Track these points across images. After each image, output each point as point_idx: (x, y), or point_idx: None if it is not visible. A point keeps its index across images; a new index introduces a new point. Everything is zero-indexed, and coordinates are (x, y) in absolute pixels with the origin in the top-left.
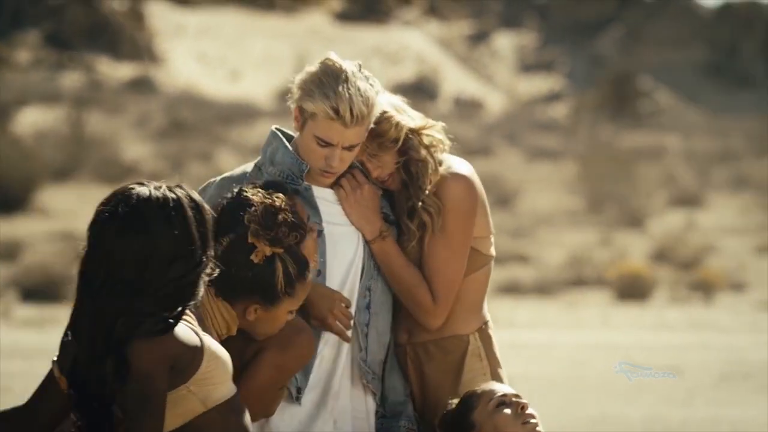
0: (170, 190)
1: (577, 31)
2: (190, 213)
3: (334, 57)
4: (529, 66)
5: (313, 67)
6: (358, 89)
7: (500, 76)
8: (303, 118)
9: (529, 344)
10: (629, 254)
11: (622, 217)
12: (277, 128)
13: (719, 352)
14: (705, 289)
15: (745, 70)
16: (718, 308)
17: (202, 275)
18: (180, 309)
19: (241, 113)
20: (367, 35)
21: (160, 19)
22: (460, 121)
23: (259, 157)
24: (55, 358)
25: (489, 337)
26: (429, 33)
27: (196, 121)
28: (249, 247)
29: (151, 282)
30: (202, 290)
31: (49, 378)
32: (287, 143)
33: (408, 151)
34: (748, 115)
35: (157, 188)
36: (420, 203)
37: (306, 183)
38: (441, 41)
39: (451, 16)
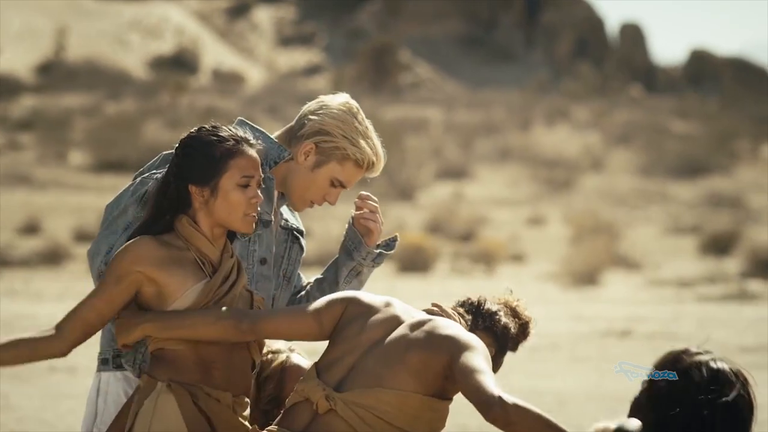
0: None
1: (335, 4)
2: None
3: (352, 100)
4: (288, 39)
5: (339, 108)
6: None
7: (260, 50)
8: (324, 157)
9: None
10: (404, 226)
11: (392, 190)
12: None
13: None
14: (486, 260)
15: (503, 43)
16: (501, 280)
17: None
18: None
19: (3, 88)
20: (126, 9)
21: None
22: (220, 94)
23: None
24: None
25: None
26: (188, 7)
27: None
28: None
29: None
30: None
31: None
32: (265, 132)
33: None
34: (507, 88)
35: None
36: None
37: (270, 174)
38: (200, 15)
39: None
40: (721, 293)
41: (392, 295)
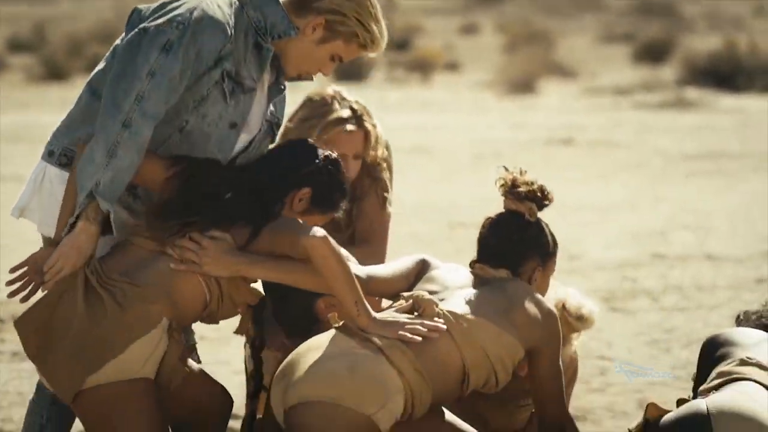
0: None
1: None
2: None
3: None
4: None
5: None
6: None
7: None
8: (331, 34)
9: None
10: None
11: None
12: None
13: (461, 132)
14: (421, 69)
15: None
16: (437, 89)
17: None
18: None
19: None
20: None
21: None
22: None
23: None
24: None
25: None
26: None
27: None
28: None
29: None
30: None
31: None
32: None
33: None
34: None
35: None
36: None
37: (270, 45)
38: None
39: None
40: (658, 101)
41: None
